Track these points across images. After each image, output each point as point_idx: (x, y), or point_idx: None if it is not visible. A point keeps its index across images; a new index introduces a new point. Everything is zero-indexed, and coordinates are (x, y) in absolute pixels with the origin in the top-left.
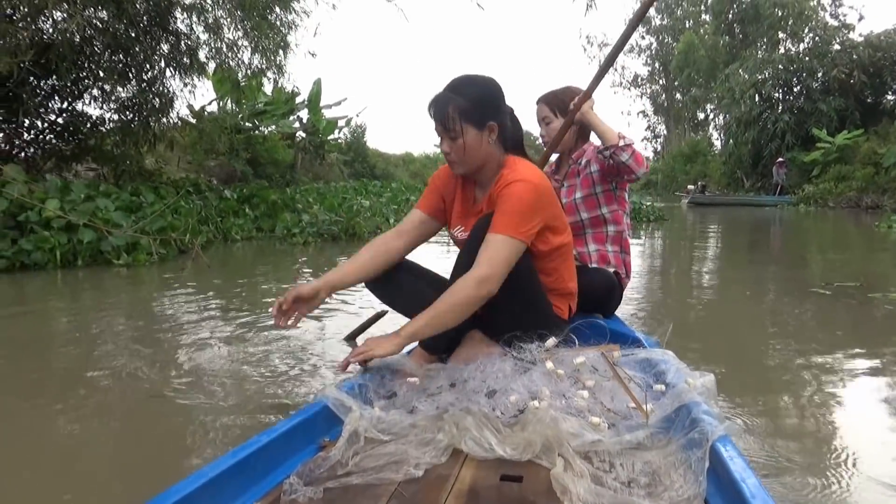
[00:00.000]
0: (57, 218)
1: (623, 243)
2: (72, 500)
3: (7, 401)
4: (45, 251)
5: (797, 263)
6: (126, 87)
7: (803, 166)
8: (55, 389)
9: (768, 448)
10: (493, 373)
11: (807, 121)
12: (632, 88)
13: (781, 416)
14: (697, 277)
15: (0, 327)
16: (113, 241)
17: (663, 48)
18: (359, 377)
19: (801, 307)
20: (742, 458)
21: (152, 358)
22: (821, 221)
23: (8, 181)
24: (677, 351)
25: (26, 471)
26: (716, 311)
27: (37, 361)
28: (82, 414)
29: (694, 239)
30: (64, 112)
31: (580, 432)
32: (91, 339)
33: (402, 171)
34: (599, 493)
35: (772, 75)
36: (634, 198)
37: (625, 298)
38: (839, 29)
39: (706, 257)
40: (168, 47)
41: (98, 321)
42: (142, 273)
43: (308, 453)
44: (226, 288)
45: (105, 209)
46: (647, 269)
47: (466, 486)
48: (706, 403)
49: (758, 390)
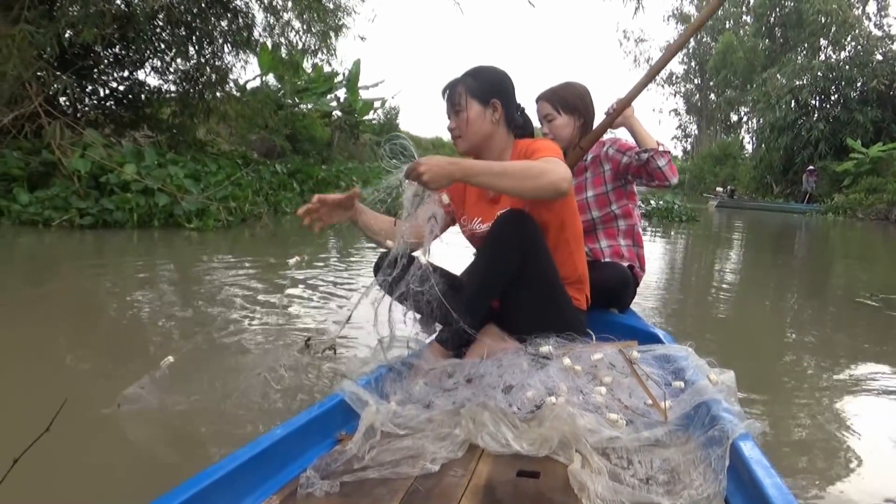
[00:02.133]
0: (134, 181)
1: (636, 237)
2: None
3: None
4: (124, 211)
5: (826, 270)
6: (185, 60)
7: (835, 176)
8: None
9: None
10: (510, 368)
11: (842, 130)
12: (665, 86)
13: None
14: (736, 277)
15: (86, 276)
16: (185, 205)
17: (701, 47)
18: (374, 371)
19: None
20: (764, 457)
21: (218, 312)
22: (848, 231)
23: (89, 144)
24: (705, 345)
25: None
26: (742, 312)
27: (109, 312)
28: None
29: (730, 241)
30: (125, 80)
31: (598, 428)
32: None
33: (432, 154)
34: (617, 490)
35: (809, 82)
36: (668, 197)
37: (658, 294)
38: (882, 39)
39: (750, 259)
40: (226, 23)
41: (169, 278)
42: (210, 237)
43: (324, 447)
44: (283, 255)
45: (175, 176)
46: (678, 265)
47: (483, 481)
48: (726, 401)
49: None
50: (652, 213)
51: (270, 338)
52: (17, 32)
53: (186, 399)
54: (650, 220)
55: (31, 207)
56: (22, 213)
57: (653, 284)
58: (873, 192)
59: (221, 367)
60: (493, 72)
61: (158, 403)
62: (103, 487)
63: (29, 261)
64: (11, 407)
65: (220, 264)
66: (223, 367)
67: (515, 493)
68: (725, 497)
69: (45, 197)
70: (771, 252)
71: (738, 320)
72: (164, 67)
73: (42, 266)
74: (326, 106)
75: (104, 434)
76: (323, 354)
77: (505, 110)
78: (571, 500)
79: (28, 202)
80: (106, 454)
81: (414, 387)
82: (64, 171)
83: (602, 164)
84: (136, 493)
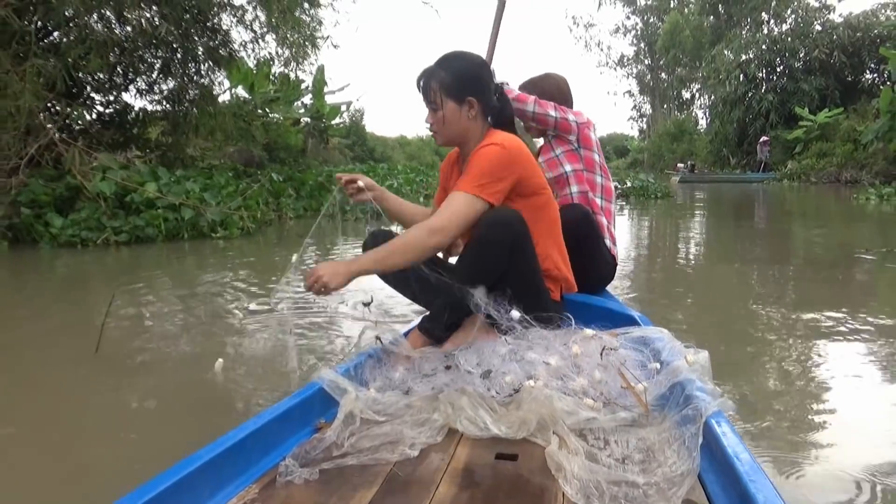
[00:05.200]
0: (157, 198)
1: (591, 205)
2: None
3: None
4: (154, 227)
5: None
6: (169, 80)
7: (786, 144)
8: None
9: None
10: (489, 355)
11: (790, 100)
12: (618, 69)
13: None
14: (741, 236)
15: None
16: (209, 217)
17: (648, 28)
18: (354, 359)
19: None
20: (735, 434)
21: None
22: (803, 194)
23: (107, 167)
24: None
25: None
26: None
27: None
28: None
29: (702, 211)
30: (112, 103)
31: (575, 410)
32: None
33: (399, 153)
34: (594, 470)
35: (756, 55)
36: (642, 175)
37: (662, 259)
38: (820, 10)
39: (727, 223)
40: (206, 42)
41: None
42: (236, 244)
43: (304, 435)
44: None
45: (192, 191)
46: (668, 233)
47: (462, 465)
48: (700, 380)
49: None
50: (629, 191)
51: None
52: (29, 68)
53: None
54: (627, 199)
55: (68, 230)
56: (59, 235)
57: (643, 254)
58: (823, 157)
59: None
60: (466, 64)
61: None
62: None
63: (104, 274)
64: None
65: (256, 264)
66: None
67: (494, 475)
68: (699, 474)
69: (78, 219)
70: (736, 217)
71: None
72: (149, 88)
73: (124, 273)
74: (296, 113)
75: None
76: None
77: (482, 104)
78: (549, 480)
79: (62, 225)
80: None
81: (394, 373)
82: (88, 194)
83: (549, 132)
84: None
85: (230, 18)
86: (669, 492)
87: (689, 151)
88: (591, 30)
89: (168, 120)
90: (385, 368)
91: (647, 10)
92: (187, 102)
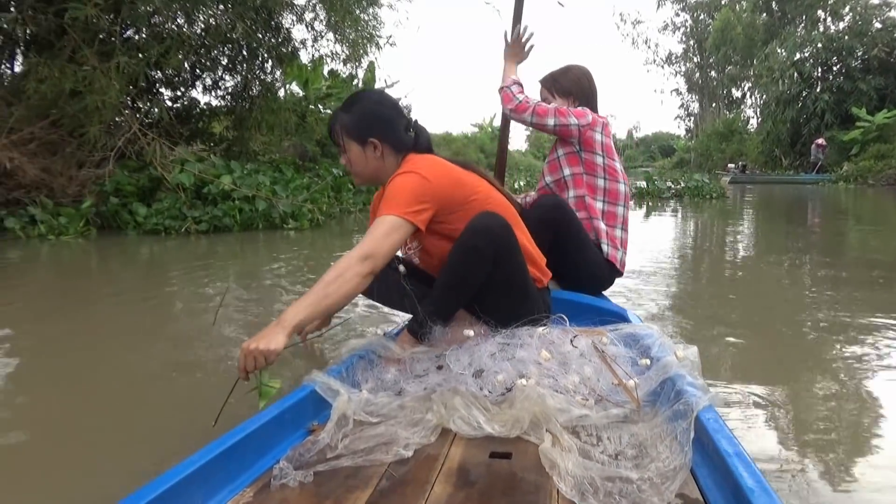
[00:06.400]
0: (233, 190)
1: (589, 209)
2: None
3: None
4: (230, 217)
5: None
6: (233, 76)
7: (842, 145)
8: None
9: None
10: (480, 354)
11: (846, 100)
12: (665, 66)
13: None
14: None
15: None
16: (281, 208)
17: (698, 25)
18: (345, 361)
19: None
20: (726, 428)
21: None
22: (861, 197)
23: (185, 160)
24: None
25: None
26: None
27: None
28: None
29: (758, 212)
30: (179, 99)
31: (567, 407)
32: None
33: (444, 150)
34: (587, 467)
35: (811, 54)
36: (696, 176)
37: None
38: (879, 7)
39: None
40: (269, 40)
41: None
42: (307, 235)
43: (297, 438)
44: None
45: (263, 183)
46: (732, 232)
47: (456, 464)
48: (690, 375)
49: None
50: (683, 191)
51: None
52: (114, 66)
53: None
54: (681, 199)
55: (152, 219)
56: (144, 223)
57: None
58: (882, 159)
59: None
60: (368, 103)
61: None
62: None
63: (194, 258)
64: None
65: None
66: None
67: (488, 474)
68: (692, 468)
69: (161, 209)
70: (799, 219)
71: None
72: (214, 84)
73: (211, 258)
74: None
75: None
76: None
77: (387, 142)
78: (543, 478)
79: (146, 214)
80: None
81: (385, 375)
82: (168, 185)
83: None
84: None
85: (291, 17)
86: (663, 486)
87: (739, 151)
88: (638, 27)
89: (233, 115)
90: (377, 370)
91: (697, 6)
92: (251, 98)
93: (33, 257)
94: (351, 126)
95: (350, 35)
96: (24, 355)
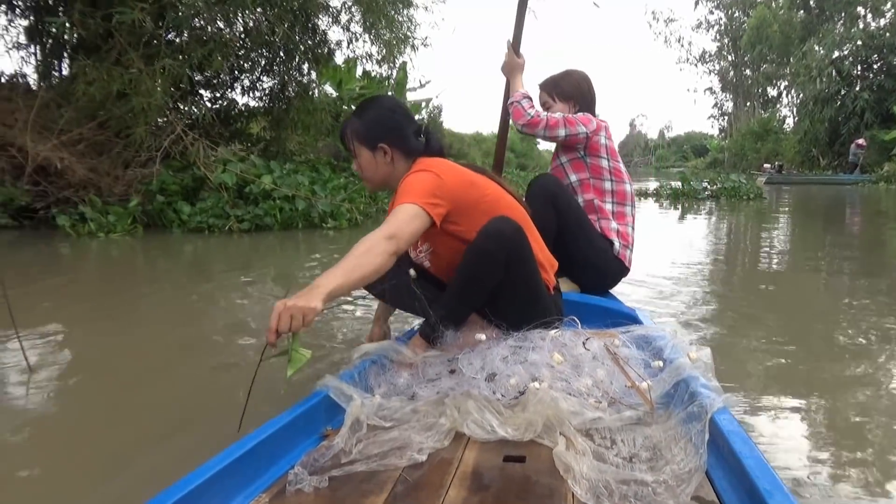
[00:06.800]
0: (273, 190)
1: (599, 211)
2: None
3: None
4: (271, 216)
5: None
6: (271, 77)
7: (883, 145)
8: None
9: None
10: (492, 358)
11: (887, 98)
12: (699, 65)
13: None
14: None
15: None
16: (320, 208)
17: (733, 23)
18: (357, 365)
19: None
20: (741, 430)
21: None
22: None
23: (228, 160)
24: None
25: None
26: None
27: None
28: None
29: (796, 213)
30: (218, 100)
31: (580, 410)
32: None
33: (476, 150)
34: (602, 470)
35: (851, 52)
36: (734, 176)
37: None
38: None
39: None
40: (306, 41)
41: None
42: (345, 233)
43: (311, 443)
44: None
45: (302, 184)
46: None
47: (470, 468)
48: (704, 377)
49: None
50: (720, 192)
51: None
52: (159, 68)
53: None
54: (718, 200)
55: (196, 217)
56: (188, 222)
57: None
58: None
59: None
60: (378, 108)
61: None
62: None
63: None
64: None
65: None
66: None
67: (502, 477)
68: (707, 470)
69: (205, 207)
70: (847, 221)
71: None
72: (252, 86)
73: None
74: None
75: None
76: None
77: (397, 148)
78: (557, 481)
79: (191, 213)
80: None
81: (398, 379)
82: (210, 185)
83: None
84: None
85: (327, 19)
86: (678, 489)
87: (774, 151)
88: (671, 25)
89: (270, 115)
90: (389, 374)
91: (731, 4)
92: (287, 99)
93: (83, 254)
94: (362, 131)
95: (385, 36)
96: (69, 346)
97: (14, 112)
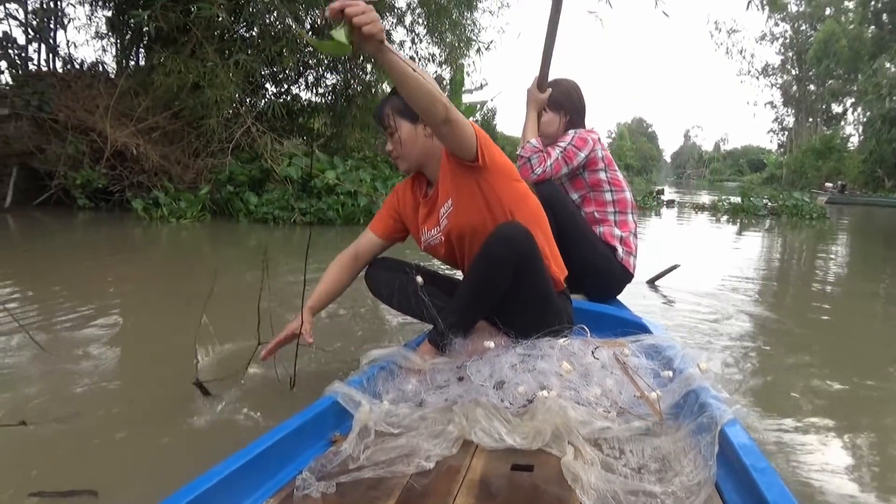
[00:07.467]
0: (336, 185)
1: (602, 223)
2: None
3: None
4: (334, 210)
5: None
6: (334, 75)
7: None
8: None
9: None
10: (501, 365)
11: None
12: (760, 78)
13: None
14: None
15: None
16: (380, 204)
17: (799, 36)
18: (366, 371)
19: None
20: (751, 441)
21: None
22: None
23: (293, 154)
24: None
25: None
26: None
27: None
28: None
29: (861, 235)
30: (282, 95)
31: (589, 420)
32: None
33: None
34: (610, 480)
35: None
36: (797, 194)
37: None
38: None
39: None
40: None
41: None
42: None
43: (319, 448)
44: None
45: (364, 180)
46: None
47: (478, 476)
48: (714, 388)
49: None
50: (781, 209)
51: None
52: (233, 62)
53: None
54: (779, 218)
55: (262, 208)
56: (255, 212)
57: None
58: None
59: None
60: None
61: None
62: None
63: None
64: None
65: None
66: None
67: (510, 486)
68: (716, 482)
69: (272, 199)
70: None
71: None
72: (316, 82)
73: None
74: None
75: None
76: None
77: None
78: (565, 491)
79: (258, 203)
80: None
81: (406, 385)
82: (276, 177)
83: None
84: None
85: (393, 19)
86: (687, 501)
87: (836, 170)
88: (733, 36)
89: (332, 112)
90: (397, 381)
91: (798, 16)
92: (349, 96)
93: (155, 237)
94: (404, 105)
95: (448, 38)
96: (122, 329)
97: (95, 98)
